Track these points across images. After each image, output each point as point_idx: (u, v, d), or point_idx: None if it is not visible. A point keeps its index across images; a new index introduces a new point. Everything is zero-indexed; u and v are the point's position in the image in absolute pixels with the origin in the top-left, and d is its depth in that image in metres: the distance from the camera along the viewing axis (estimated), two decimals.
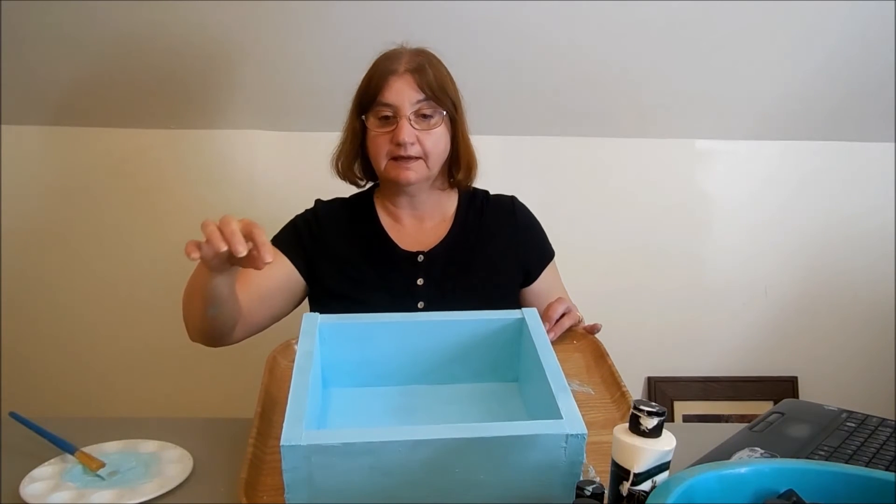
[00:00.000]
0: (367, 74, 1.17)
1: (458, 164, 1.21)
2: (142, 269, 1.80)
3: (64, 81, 1.63)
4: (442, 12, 1.50)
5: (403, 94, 1.11)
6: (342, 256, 1.21)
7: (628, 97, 1.73)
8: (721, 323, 1.93)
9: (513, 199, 1.30)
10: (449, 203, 1.26)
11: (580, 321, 1.14)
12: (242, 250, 0.82)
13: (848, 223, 1.90)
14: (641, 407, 0.66)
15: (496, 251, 1.24)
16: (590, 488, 0.65)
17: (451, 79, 1.19)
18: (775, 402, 1.54)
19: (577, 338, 1.12)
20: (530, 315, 0.93)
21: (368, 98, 1.14)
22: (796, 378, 1.94)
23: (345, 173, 1.24)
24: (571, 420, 0.72)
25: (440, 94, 1.14)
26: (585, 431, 0.70)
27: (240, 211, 1.80)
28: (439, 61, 1.18)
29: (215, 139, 1.75)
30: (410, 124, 1.11)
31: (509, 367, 0.96)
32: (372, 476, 0.69)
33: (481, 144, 1.26)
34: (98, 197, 1.77)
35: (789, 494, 0.63)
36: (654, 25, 1.56)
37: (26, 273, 1.79)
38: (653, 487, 0.65)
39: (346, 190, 1.29)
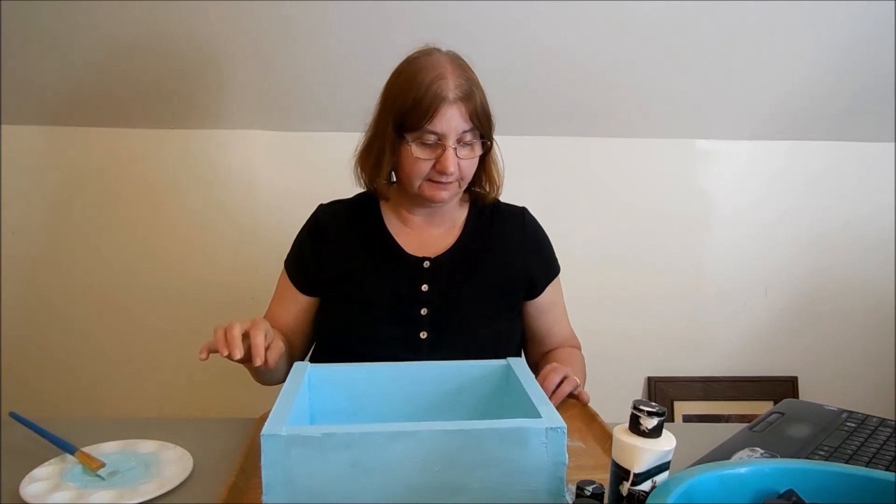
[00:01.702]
0: (410, 89, 1.09)
1: (489, 183, 1.23)
2: (141, 268, 1.80)
3: (64, 81, 1.63)
4: (440, 13, 1.50)
5: (452, 124, 1.09)
6: (346, 261, 1.20)
7: (629, 97, 1.73)
8: (721, 323, 1.93)
9: (523, 211, 1.30)
10: (460, 211, 1.26)
11: (578, 387, 1.11)
12: (238, 355, 0.91)
13: (848, 224, 1.90)
14: (641, 407, 0.66)
15: (503, 262, 1.23)
16: (590, 488, 0.65)
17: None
18: (775, 402, 1.54)
19: (568, 408, 1.09)
20: (516, 363, 0.92)
21: (414, 121, 1.09)
22: (796, 378, 1.94)
23: (378, 186, 1.21)
24: (551, 418, 0.72)
25: (484, 121, 1.13)
26: (565, 425, 0.70)
27: (239, 211, 1.81)
28: (476, 75, 1.15)
29: (215, 139, 1.75)
30: (455, 153, 1.11)
31: (497, 417, 0.95)
32: (352, 474, 0.69)
33: None
34: (98, 197, 1.77)
35: (789, 494, 0.63)
36: (656, 25, 1.56)
37: (26, 273, 1.79)
38: (653, 487, 0.65)
39: (345, 190, 1.28)
